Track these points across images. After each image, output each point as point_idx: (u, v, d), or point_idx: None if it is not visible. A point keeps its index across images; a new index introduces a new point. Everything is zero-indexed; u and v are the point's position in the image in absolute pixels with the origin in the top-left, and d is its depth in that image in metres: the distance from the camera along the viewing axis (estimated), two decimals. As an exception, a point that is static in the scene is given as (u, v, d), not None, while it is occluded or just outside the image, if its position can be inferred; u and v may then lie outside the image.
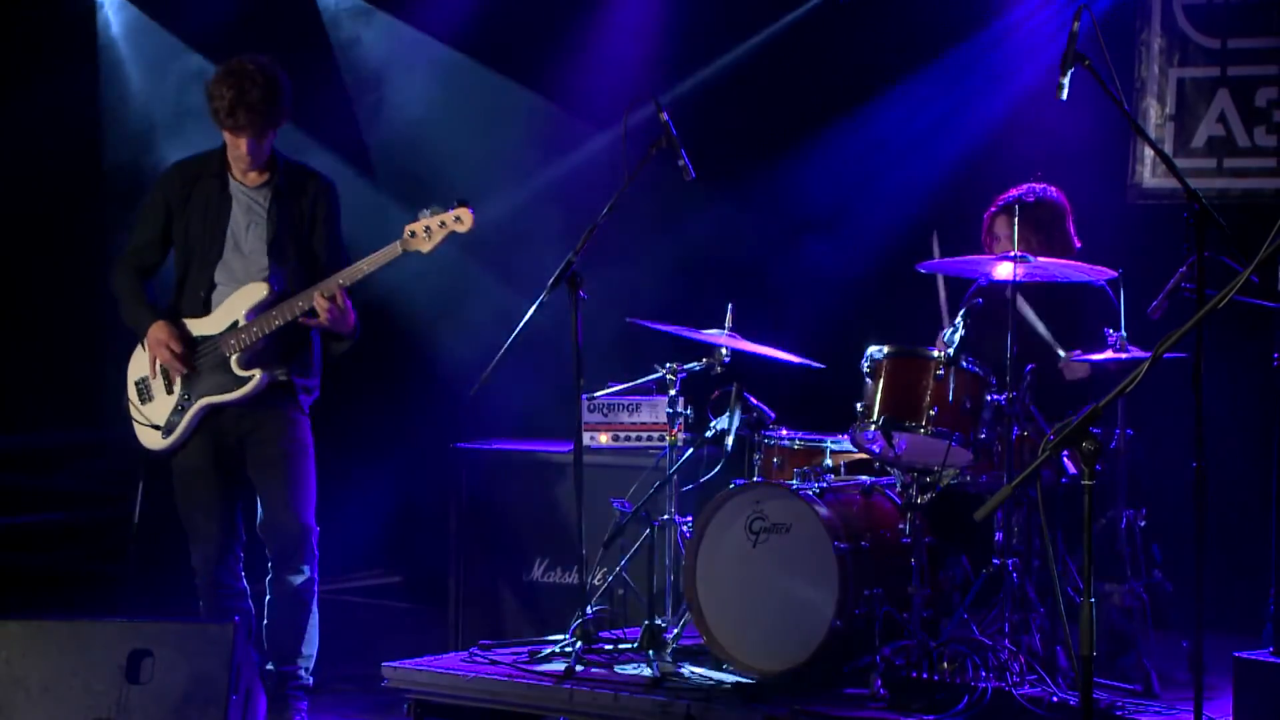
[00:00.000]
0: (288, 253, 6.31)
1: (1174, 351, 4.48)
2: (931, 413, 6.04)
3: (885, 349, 6.17)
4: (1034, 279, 6.27)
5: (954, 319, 6.17)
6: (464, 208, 6.26)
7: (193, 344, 6.29)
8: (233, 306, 6.28)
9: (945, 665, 5.76)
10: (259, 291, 6.27)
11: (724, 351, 6.60)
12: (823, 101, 8.28)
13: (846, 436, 6.33)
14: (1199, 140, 7.75)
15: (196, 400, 6.29)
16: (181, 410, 6.30)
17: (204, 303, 6.31)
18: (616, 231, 6.65)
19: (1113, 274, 6.18)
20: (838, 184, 8.20)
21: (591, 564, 6.68)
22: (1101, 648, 5.98)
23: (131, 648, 5.65)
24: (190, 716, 5.59)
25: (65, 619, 5.89)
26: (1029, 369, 6.08)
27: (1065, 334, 6.53)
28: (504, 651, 6.40)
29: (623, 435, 7.31)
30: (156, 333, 6.27)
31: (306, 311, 6.21)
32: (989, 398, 6.09)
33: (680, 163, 6.39)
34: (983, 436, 6.09)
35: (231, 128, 6.20)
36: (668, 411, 6.74)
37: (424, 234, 6.27)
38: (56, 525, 8.86)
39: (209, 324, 6.30)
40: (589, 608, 6.38)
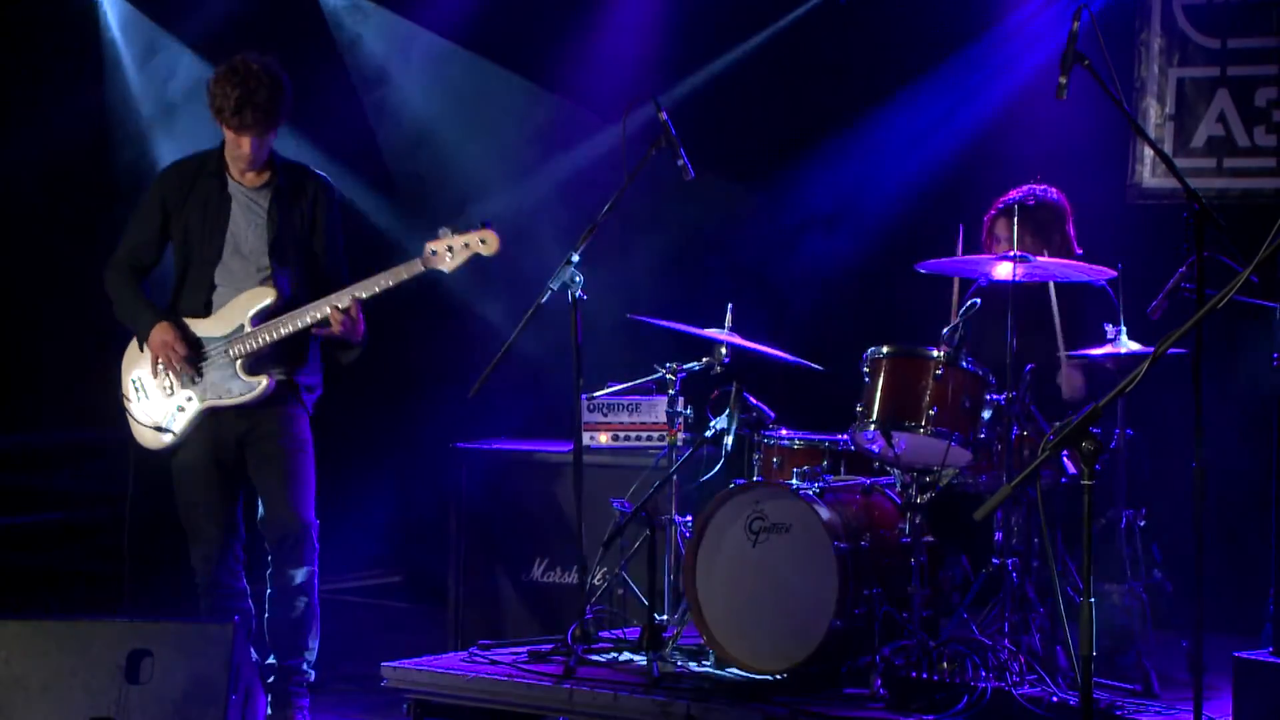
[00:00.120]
0: (288, 254, 6.30)
1: (1173, 348, 4.48)
2: (931, 412, 6.04)
3: (885, 349, 6.18)
4: (1034, 279, 6.27)
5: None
6: (489, 230, 6.23)
7: (197, 345, 6.29)
8: (238, 310, 6.27)
9: (945, 665, 5.75)
10: (266, 296, 6.26)
11: (723, 351, 6.60)
12: (823, 102, 8.28)
13: (846, 436, 6.33)
14: (1199, 140, 7.74)
15: (199, 402, 6.28)
16: (182, 411, 6.30)
17: (205, 304, 6.30)
18: (616, 231, 6.65)
19: (1112, 274, 6.18)
20: (838, 184, 8.20)
21: (591, 564, 6.67)
22: (1101, 647, 5.98)
23: (131, 647, 5.65)
24: (189, 716, 5.59)
25: (65, 619, 5.89)
26: (1028, 369, 6.08)
27: (1066, 335, 6.53)
28: (504, 651, 6.40)
29: (622, 435, 7.31)
30: (161, 334, 6.25)
31: (319, 321, 6.21)
32: (988, 397, 6.10)
33: (680, 162, 6.39)
34: (982, 436, 6.09)
35: (237, 127, 6.18)
36: (667, 411, 6.75)
37: (446, 253, 6.24)
38: (56, 525, 8.85)
39: (213, 325, 6.29)
40: (589, 608, 6.38)
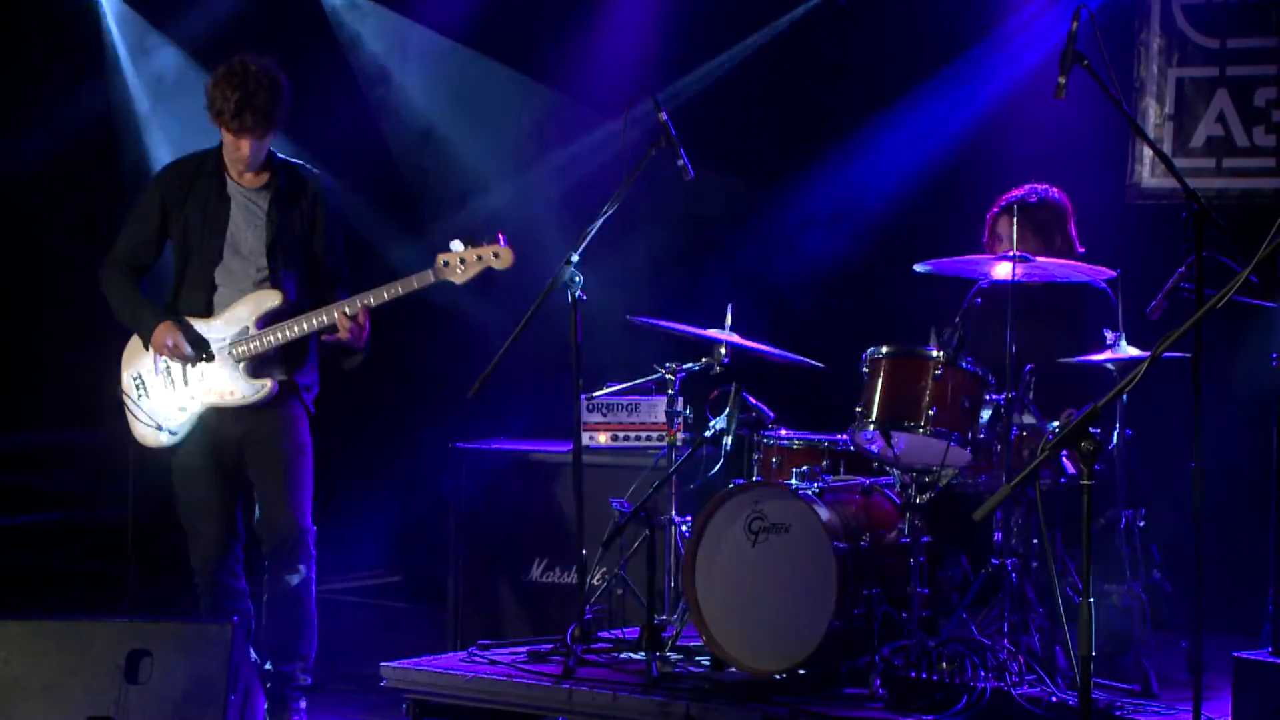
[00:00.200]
0: (288, 255, 6.30)
1: (1173, 351, 4.48)
2: (930, 413, 6.04)
3: (884, 349, 6.18)
4: (1034, 279, 6.27)
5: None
6: (503, 245, 6.21)
7: (200, 344, 6.28)
8: (243, 311, 6.26)
9: (944, 665, 5.75)
10: (272, 299, 6.25)
11: (723, 351, 6.60)
12: (824, 101, 8.27)
13: (846, 436, 6.33)
14: (1198, 140, 7.74)
15: (201, 401, 6.29)
16: (183, 410, 6.30)
17: (206, 304, 6.30)
18: (616, 231, 6.64)
19: (1111, 274, 6.18)
20: (837, 183, 8.19)
21: (591, 564, 6.67)
22: (1100, 648, 5.97)
23: (130, 647, 5.65)
24: (189, 716, 5.59)
25: (64, 619, 5.89)
26: (1028, 369, 6.08)
27: (1067, 336, 6.53)
28: (503, 651, 6.40)
29: (622, 435, 7.31)
30: (164, 334, 6.25)
31: (327, 328, 6.20)
32: (988, 397, 6.10)
33: (679, 162, 6.38)
34: (981, 436, 6.09)
35: (236, 130, 6.17)
36: (667, 411, 6.75)
37: (458, 265, 6.22)
38: (56, 525, 8.86)
39: (216, 326, 6.29)
40: (588, 608, 6.38)
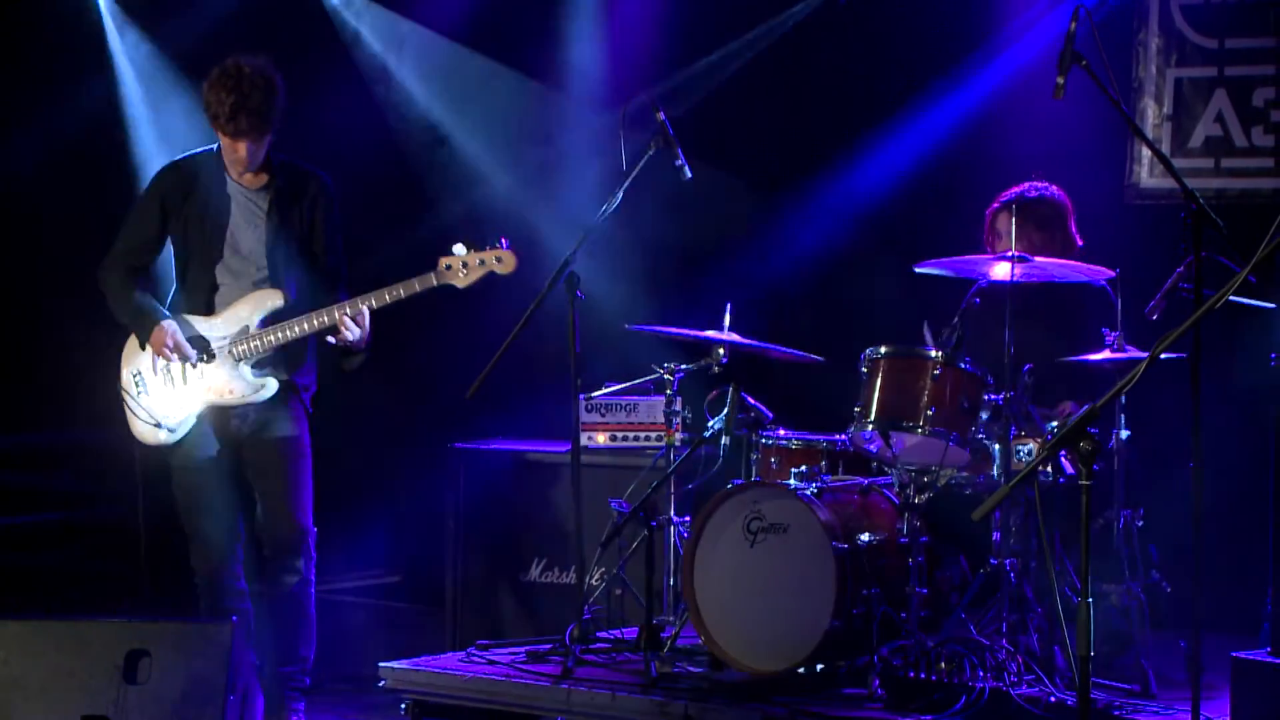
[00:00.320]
0: (288, 255, 6.31)
1: (1171, 351, 4.48)
2: (929, 412, 6.04)
3: (883, 349, 6.18)
4: (1033, 279, 6.27)
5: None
6: (505, 250, 6.21)
7: (200, 344, 6.29)
8: (243, 311, 6.27)
9: (943, 665, 5.75)
10: (273, 299, 6.26)
11: (721, 351, 6.60)
12: (823, 102, 8.27)
13: (844, 436, 6.33)
14: (1196, 140, 7.74)
15: (201, 400, 6.29)
16: (183, 409, 6.30)
17: (207, 303, 6.31)
18: (614, 230, 6.64)
19: (1110, 273, 6.18)
20: (837, 183, 8.18)
21: (589, 564, 6.68)
22: (1099, 648, 5.97)
23: (129, 648, 5.66)
24: (187, 716, 5.60)
25: (64, 619, 5.89)
26: (1026, 369, 6.08)
27: (1066, 335, 6.53)
28: (502, 651, 6.40)
29: (620, 435, 7.31)
30: (164, 333, 6.24)
31: (328, 329, 6.20)
32: (987, 397, 6.10)
33: (678, 162, 6.39)
34: (980, 436, 6.09)
35: (232, 133, 6.16)
36: (665, 411, 6.75)
37: (460, 269, 6.22)
38: (56, 525, 8.85)
39: (216, 325, 6.29)
40: (586, 608, 6.38)
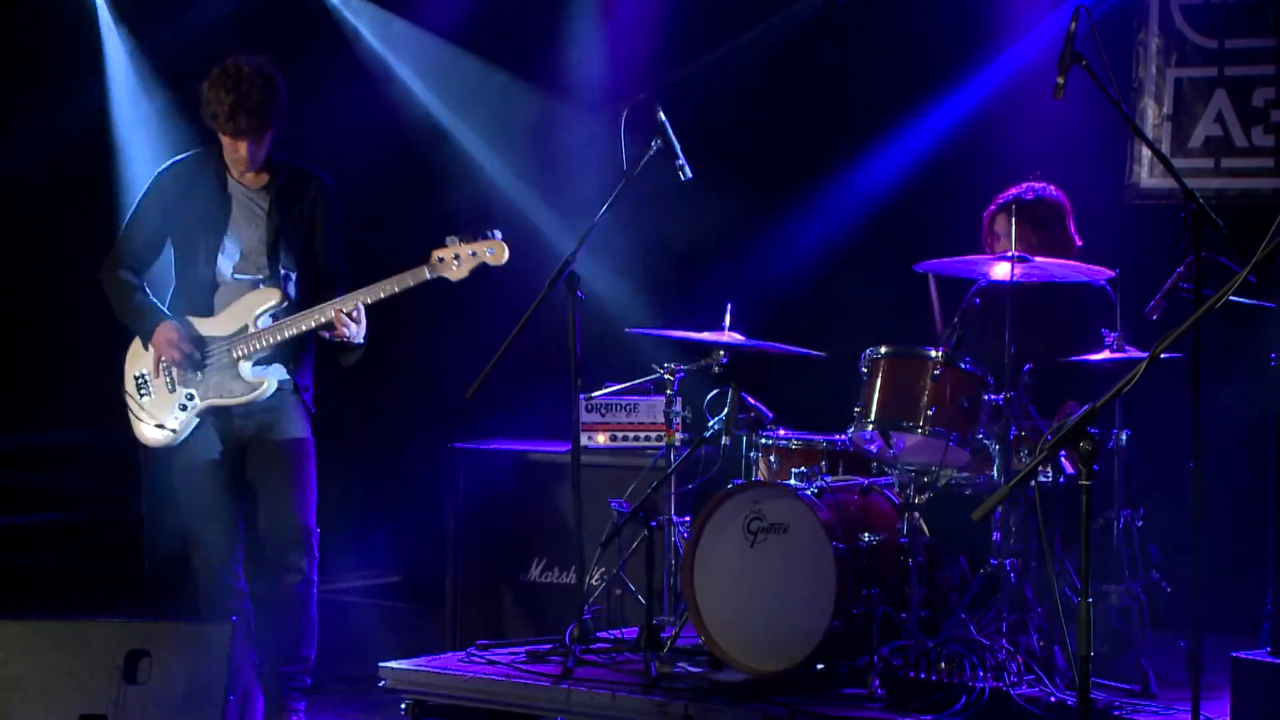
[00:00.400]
0: (288, 254, 6.30)
1: (1171, 351, 4.48)
2: (929, 413, 6.04)
3: (883, 349, 6.18)
4: (1032, 279, 6.27)
5: (948, 319, 6.17)
6: (497, 240, 6.20)
7: (201, 344, 6.28)
8: (243, 310, 6.26)
9: (943, 665, 5.75)
10: (271, 297, 6.25)
11: (721, 351, 6.60)
12: (823, 103, 8.27)
13: (844, 436, 6.33)
14: (1196, 140, 7.74)
15: (202, 400, 6.28)
16: (184, 409, 6.30)
17: (207, 303, 6.30)
18: (615, 231, 6.64)
19: (1110, 273, 6.18)
20: (836, 183, 8.19)
21: (589, 564, 6.68)
22: (1099, 648, 5.98)
23: (129, 648, 5.65)
24: (187, 716, 5.59)
25: (63, 619, 5.89)
26: (1026, 369, 6.08)
27: (1066, 335, 6.53)
28: (502, 651, 6.40)
29: (620, 435, 7.30)
30: (165, 333, 6.24)
31: (324, 325, 6.20)
32: (986, 397, 6.10)
33: (678, 162, 6.39)
34: (980, 436, 6.09)
35: (232, 132, 6.16)
36: (665, 411, 6.75)
37: (453, 261, 6.21)
38: (56, 525, 8.85)
39: (217, 325, 6.28)
40: (586, 608, 6.38)
